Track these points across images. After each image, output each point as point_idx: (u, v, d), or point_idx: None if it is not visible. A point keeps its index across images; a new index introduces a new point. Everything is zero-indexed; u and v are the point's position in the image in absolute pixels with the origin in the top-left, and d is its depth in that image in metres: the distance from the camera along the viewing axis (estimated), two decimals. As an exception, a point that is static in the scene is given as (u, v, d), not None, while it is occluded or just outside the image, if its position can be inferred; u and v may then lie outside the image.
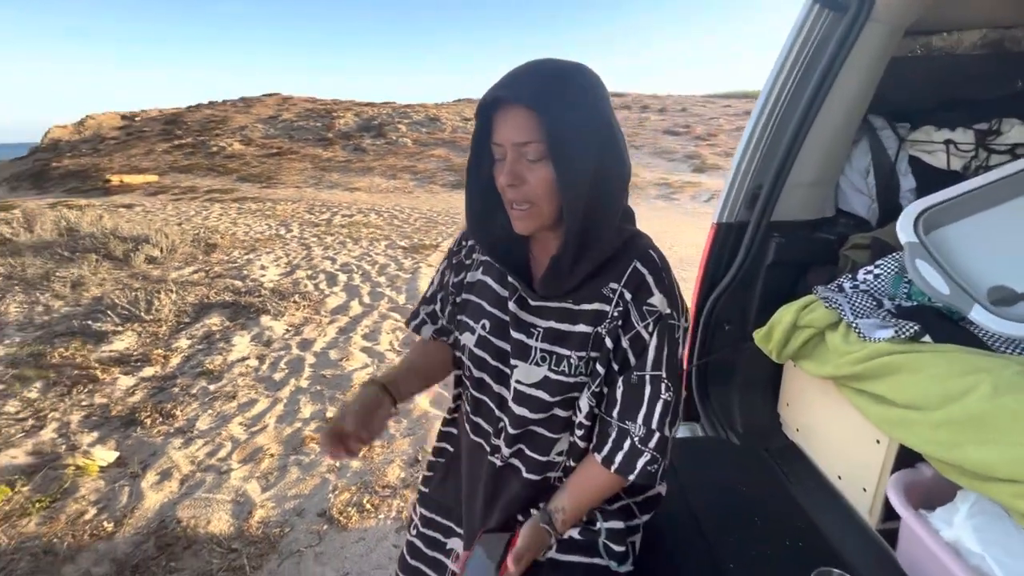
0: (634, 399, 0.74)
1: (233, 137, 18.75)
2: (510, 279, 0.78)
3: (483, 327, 0.82)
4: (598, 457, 0.77)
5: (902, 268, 1.15)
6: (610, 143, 0.67)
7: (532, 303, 0.78)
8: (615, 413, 0.76)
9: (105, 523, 1.87)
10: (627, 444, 0.75)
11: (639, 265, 0.73)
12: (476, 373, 0.84)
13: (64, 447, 2.32)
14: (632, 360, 0.74)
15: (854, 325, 1.08)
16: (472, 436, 0.89)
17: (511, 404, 0.80)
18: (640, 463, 0.74)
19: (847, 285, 1.21)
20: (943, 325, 1.00)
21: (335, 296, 4.44)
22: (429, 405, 2.70)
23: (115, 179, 13.30)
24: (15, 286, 4.58)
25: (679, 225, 7.70)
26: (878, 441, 1.11)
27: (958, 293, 1.01)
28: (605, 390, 0.77)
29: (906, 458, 1.06)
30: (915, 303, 1.11)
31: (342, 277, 4.99)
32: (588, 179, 0.65)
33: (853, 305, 1.13)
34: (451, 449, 0.99)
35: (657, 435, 0.73)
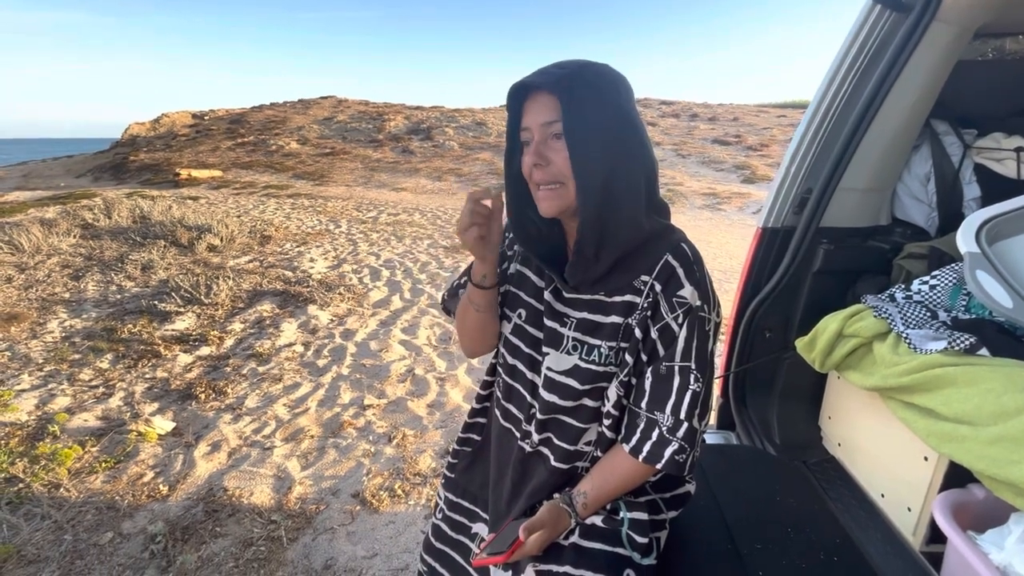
0: (663, 389, 0.75)
1: (291, 137, 19.70)
2: (546, 270, 0.82)
3: (519, 316, 0.86)
4: (626, 447, 0.78)
5: (961, 279, 1.09)
6: (626, 132, 0.70)
7: (566, 294, 0.81)
8: (643, 403, 0.77)
9: (161, 486, 2.02)
10: (655, 434, 0.75)
11: (670, 258, 0.74)
12: (510, 360, 0.87)
13: (128, 414, 2.52)
14: (661, 351, 0.75)
15: (904, 336, 1.03)
16: (502, 422, 0.92)
17: (541, 391, 0.82)
18: (668, 452, 0.74)
19: (899, 295, 1.16)
20: (1003, 339, 0.95)
21: (378, 290, 4.59)
22: (462, 400, 2.75)
23: (184, 173, 14.24)
24: (94, 266, 5.00)
25: (723, 236, 7.48)
26: (926, 458, 1.06)
27: (1022, 307, 0.95)
28: (634, 380, 0.79)
29: (955, 478, 1.01)
30: (973, 316, 1.05)
31: (385, 272, 5.15)
32: (600, 160, 0.68)
33: (905, 315, 1.08)
34: (478, 438, 1.02)
35: (686, 425, 0.74)
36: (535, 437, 0.85)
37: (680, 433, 0.74)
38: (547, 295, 0.82)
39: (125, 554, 1.70)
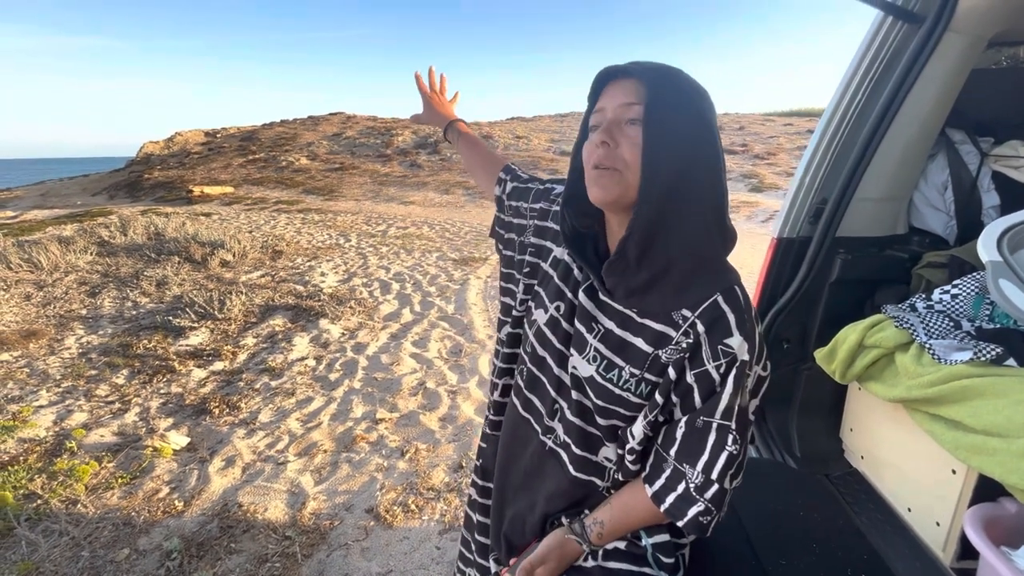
0: (696, 444, 0.70)
1: (301, 153, 20.00)
2: (584, 268, 0.79)
3: (557, 308, 0.82)
4: (649, 490, 0.74)
5: (983, 288, 1.08)
6: (705, 141, 0.67)
7: (600, 296, 0.77)
8: (672, 452, 0.72)
9: (176, 502, 2.03)
10: (681, 487, 0.71)
11: (721, 300, 0.68)
12: (540, 351, 0.84)
13: (144, 430, 2.54)
14: (698, 402, 0.70)
15: (928, 346, 1.02)
16: (521, 411, 0.88)
17: (572, 391, 0.80)
18: (692, 511, 0.70)
19: (920, 305, 1.15)
20: (1031, 349, 0.93)
21: (388, 303, 4.61)
22: (474, 413, 2.74)
23: (196, 190, 14.49)
24: (110, 283, 5.08)
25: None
26: (954, 471, 1.03)
27: (1049, 316, 0.94)
28: (660, 418, 0.74)
29: (986, 491, 0.98)
30: (998, 325, 1.04)
31: (395, 286, 5.17)
32: (672, 157, 0.64)
33: (927, 325, 1.07)
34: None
35: (715, 487, 0.69)
36: (561, 435, 0.82)
37: (709, 494, 0.69)
38: (582, 294, 0.79)
39: (141, 571, 1.70)
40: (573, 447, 0.81)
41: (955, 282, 1.13)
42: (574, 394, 0.79)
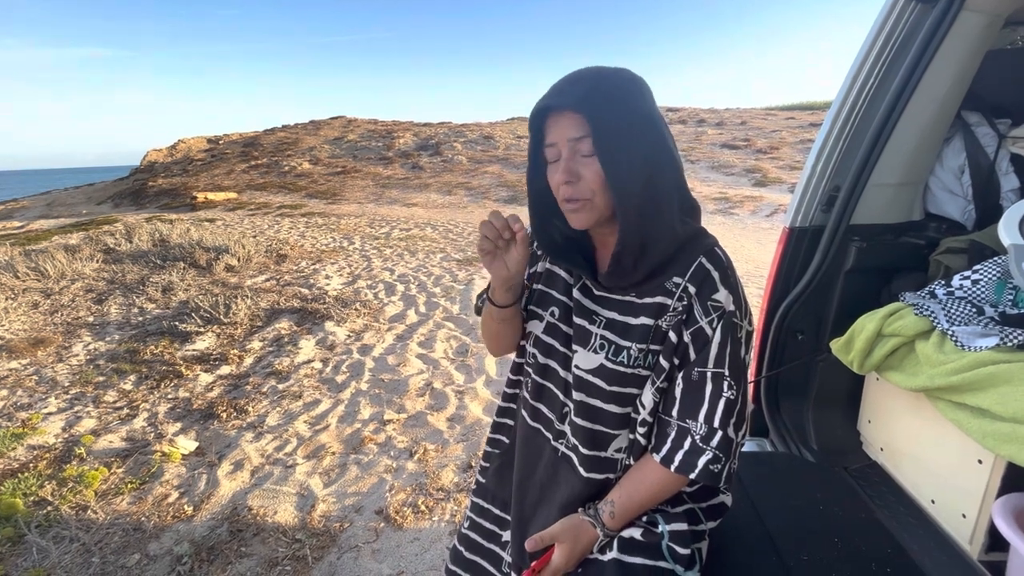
0: (695, 397, 0.73)
1: (303, 157, 20.05)
2: (576, 271, 0.81)
3: (552, 314, 0.84)
4: (656, 457, 0.76)
5: (1005, 273, 1.05)
6: (656, 138, 0.69)
7: (596, 292, 0.80)
8: (674, 411, 0.74)
9: (185, 506, 2.02)
10: (687, 443, 0.73)
11: (704, 261, 0.73)
12: (542, 359, 0.85)
13: (152, 435, 2.54)
14: (693, 355, 0.73)
15: (950, 333, 0.99)
16: (530, 421, 0.89)
17: (575, 391, 0.81)
18: (702, 461, 0.72)
19: (940, 292, 1.12)
20: (1059, 333, 0.90)
21: (393, 305, 4.60)
22: (482, 412, 2.72)
23: (200, 196, 14.55)
24: (116, 290, 5.10)
25: (738, 239, 7.40)
26: (980, 461, 1.01)
27: (1076, 299, 0.91)
28: (666, 384, 0.76)
29: (1014, 480, 0.96)
30: (1022, 310, 1.01)
31: (400, 287, 5.16)
32: (637, 173, 0.67)
33: (948, 312, 1.04)
34: (507, 440, 0.99)
35: (720, 434, 0.72)
36: (570, 438, 0.83)
37: (714, 442, 0.71)
38: (576, 292, 0.81)
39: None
40: (581, 448, 0.82)
41: (975, 267, 1.10)
42: (576, 395, 0.80)
